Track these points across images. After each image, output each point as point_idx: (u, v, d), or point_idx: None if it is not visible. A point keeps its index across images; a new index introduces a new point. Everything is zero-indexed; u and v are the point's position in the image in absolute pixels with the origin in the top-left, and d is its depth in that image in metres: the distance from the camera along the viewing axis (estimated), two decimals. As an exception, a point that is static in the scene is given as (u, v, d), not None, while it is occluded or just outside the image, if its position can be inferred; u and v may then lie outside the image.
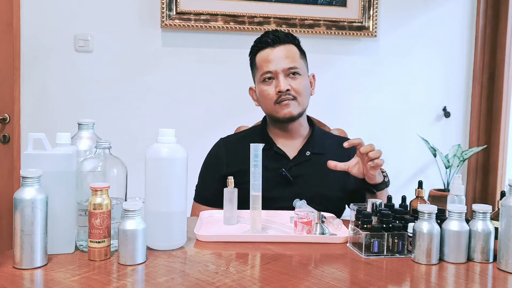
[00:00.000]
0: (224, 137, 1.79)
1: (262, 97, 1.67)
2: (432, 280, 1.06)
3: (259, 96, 1.69)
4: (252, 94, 1.75)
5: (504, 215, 1.09)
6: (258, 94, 1.69)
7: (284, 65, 1.62)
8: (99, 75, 2.57)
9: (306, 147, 1.68)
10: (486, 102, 2.93)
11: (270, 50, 1.64)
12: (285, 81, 1.61)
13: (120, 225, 1.08)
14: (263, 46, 1.66)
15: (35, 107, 2.53)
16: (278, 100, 1.61)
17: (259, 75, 1.66)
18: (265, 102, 1.66)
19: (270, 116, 1.69)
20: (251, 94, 1.76)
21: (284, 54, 1.63)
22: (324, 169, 1.50)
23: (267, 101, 1.65)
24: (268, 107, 1.66)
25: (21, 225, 1.02)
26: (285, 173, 1.61)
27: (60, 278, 0.99)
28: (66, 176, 1.11)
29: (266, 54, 1.65)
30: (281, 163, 1.64)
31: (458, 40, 2.91)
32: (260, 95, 1.67)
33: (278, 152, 1.66)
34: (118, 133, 2.46)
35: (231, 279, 1.00)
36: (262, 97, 1.67)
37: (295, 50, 1.66)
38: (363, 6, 2.71)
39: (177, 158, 1.19)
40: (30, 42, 2.50)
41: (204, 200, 1.70)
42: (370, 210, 1.26)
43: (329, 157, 1.55)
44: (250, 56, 1.72)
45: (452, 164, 2.67)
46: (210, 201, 1.67)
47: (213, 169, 1.71)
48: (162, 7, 2.54)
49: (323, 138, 1.73)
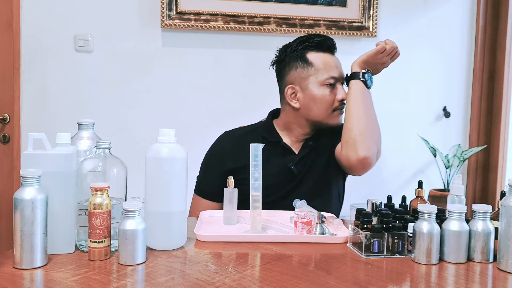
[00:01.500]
0: (229, 131, 1.77)
1: (318, 101, 1.61)
2: (432, 280, 1.06)
3: (313, 99, 1.61)
4: (289, 92, 1.64)
5: (504, 215, 1.09)
6: (313, 97, 1.61)
7: (342, 74, 1.65)
8: (99, 75, 2.57)
9: (308, 139, 1.69)
10: (486, 102, 2.92)
11: (331, 56, 1.65)
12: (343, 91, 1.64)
13: (120, 225, 1.08)
14: (322, 48, 1.64)
15: (35, 107, 2.53)
16: (338, 108, 1.63)
17: (322, 77, 1.61)
18: (320, 106, 1.61)
19: (317, 122, 1.64)
20: (287, 93, 1.64)
21: (340, 64, 1.66)
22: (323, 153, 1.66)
23: (323, 106, 1.61)
24: (322, 113, 1.62)
25: (21, 225, 1.02)
26: (293, 168, 1.63)
27: (60, 278, 0.99)
28: (66, 176, 1.11)
29: (329, 58, 1.64)
30: (288, 158, 1.65)
31: (458, 40, 2.91)
32: (317, 98, 1.61)
33: (285, 147, 1.67)
34: (118, 133, 2.45)
35: (231, 279, 1.00)
36: (319, 102, 1.61)
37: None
38: (363, 6, 2.71)
39: (177, 158, 1.19)
40: (30, 42, 2.49)
41: (206, 193, 1.68)
42: (370, 210, 1.26)
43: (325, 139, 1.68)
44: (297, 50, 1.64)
45: (452, 164, 2.67)
46: (212, 195, 1.66)
47: (217, 163, 1.69)
48: (162, 7, 2.54)
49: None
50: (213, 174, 1.68)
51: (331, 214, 1.44)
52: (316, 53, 1.63)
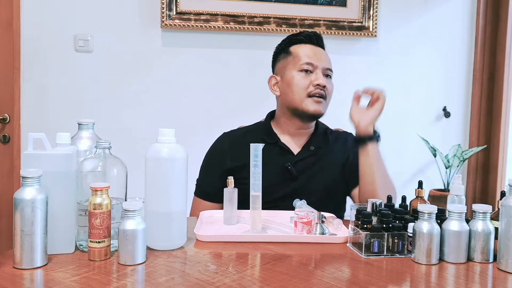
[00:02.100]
0: (228, 132, 1.79)
1: (293, 86, 1.63)
2: (432, 280, 1.06)
3: (288, 84, 1.65)
4: (272, 82, 1.71)
5: (504, 215, 1.09)
6: (288, 82, 1.65)
7: (325, 64, 1.66)
8: (99, 75, 2.57)
9: (310, 143, 1.70)
10: (486, 102, 2.92)
11: (313, 46, 1.68)
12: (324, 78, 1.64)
13: (120, 225, 1.08)
14: (305, 41, 1.68)
15: (35, 107, 2.53)
16: (313, 93, 1.62)
17: (298, 63, 1.64)
18: (296, 91, 1.63)
19: (294, 108, 1.65)
20: (270, 82, 1.72)
21: (325, 56, 1.69)
22: (327, 162, 1.65)
23: (299, 91, 1.62)
24: (297, 98, 1.63)
25: (21, 225, 1.02)
26: (290, 168, 1.63)
27: (60, 278, 0.98)
28: (66, 176, 1.11)
29: (309, 48, 1.67)
30: (286, 158, 1.65)
31: (458, 40, 2.92)
32: (292, 83, 1.63)
33: (283, 147, 1.67)
34: (118, 133, 2.46)
35: (231, 279, 1.00)
36: (293, 85, 1.63)
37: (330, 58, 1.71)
38: (363, 6, 2.71)
39: (177, 158, 1.18)
40: (30, 42, 2.50)
41: (205, 194, 1.69)
42: (370, 210, 1.26)
43: (331, 150, 1.69)
44: (283, 44, 1.72)
45: (452, 164, 2.67)
46: (211, 196, 1.67)
47: (216, 163, 1.70)
48: (162, 7, 2.54)
49: (326, 133, 1.76)
50: (212, 175, 1.68)
51: (331, 214, 1.44)
52: (300, 45, 1.68)
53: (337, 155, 1.71)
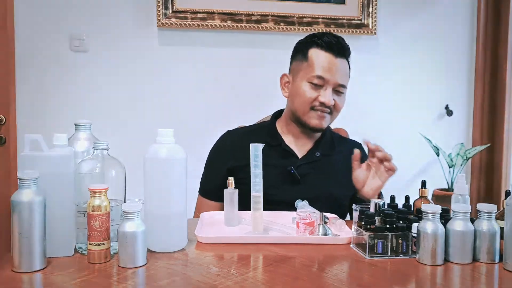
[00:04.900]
0: (231, 130, 1.76)
1: (299, 96, 1.59)
2: (438, 281, 1.05)
3: (296, 91, 1.60)
4: (284, 80, 1.66)
5: (509, 215, 1.08)
6: (296, 89, 1.60)
7: (338, 80, 1.58)
8: (95, 75, 2.55)
9: (316, 148, 1.66)
10: (488, 100, 2.89)
11: (333, 57, 1.57)
12: (332, 96, 1.57)
13: (119, 227, 1.06)
14: (326, 48, 1.58)
15: (31, 108, 2.50)
16: (316, 108, 1.58)
17: (310, 74, 1.57)
18: (300, 101, 1.59)
19: (297, 117, 1.62)
20: (283, 80, 1.67)
21: (341, 70, 1.59)
22: (332, 170, 1.59)
23: (303, 103, 1.59)
24: (300, 108, 1.60)
25: (19, 228, 1.00)
26: (293, 171, 1.59)
27: (60, 282, 0.97)
28: (63, 177, 1.09)
29: (327, 59, 1.57)
30: (289, 161, 1.62)
31: (460, 38, 2.90)
32: (298, 92, 1.59)
33: (287, 150, 1.64)
34: (115, 134, 2.44)
35: (233, 282, 0.98)
36: (299, 95, 1.59)
37: (347, 67, 1.63)
38: (362, 3, 2.70)
39: (176, 159, 1.17)
40: (24, 42, 2.47)
41: (207, 193, 1.67)
42: (373, 210, 1.24)
43: (338, 159, 1.63)
44: (303, 43, 1.63)
45: (456, 163, 2.65)
46: (213, 195, 1.65)
47: (219, 161, 1.67)
48: (158, 6, 2.52)
49: (333, 140, 1.71)
50: (215, 174, 1.66)
51: (334, 215, 1.42)
52: (319, 50, 1.58)
53: (343, 164, 1.61)
